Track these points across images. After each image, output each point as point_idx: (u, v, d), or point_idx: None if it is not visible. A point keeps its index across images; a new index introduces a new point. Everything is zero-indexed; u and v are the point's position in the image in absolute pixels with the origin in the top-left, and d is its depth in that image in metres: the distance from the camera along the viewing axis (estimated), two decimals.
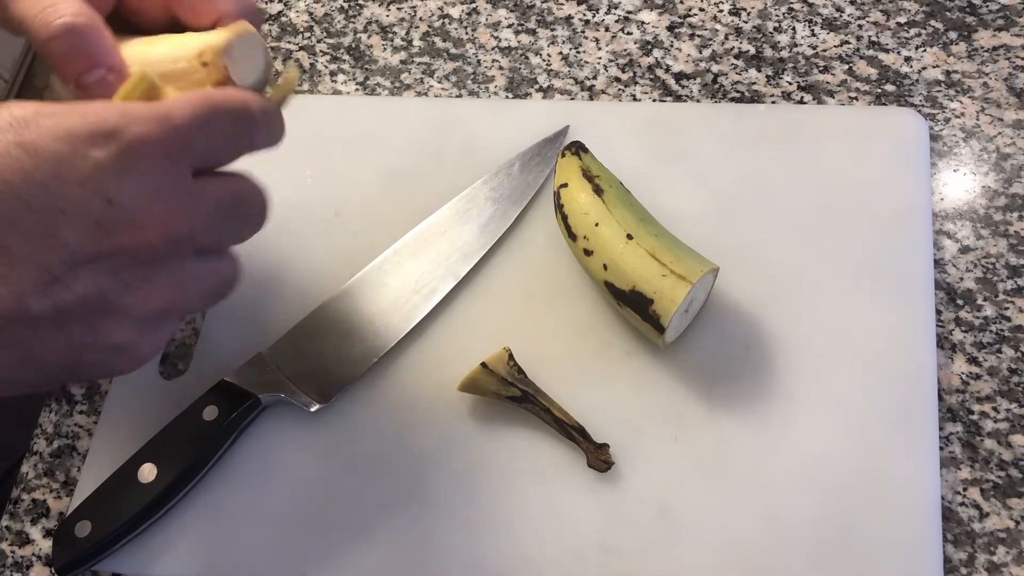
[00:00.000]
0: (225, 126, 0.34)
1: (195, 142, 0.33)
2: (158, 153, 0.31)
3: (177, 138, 0.32)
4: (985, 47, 0.56)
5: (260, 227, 0.38)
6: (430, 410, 0.50)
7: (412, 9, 0.66)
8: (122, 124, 0.31)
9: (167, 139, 0.32)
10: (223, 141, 0.35)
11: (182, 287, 0.34)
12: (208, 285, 0.37)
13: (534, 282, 0.53)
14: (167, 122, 0.32)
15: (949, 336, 0.49)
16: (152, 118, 0.32)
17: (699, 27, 0.61)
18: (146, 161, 0.31)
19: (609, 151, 0.53)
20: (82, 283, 0.31)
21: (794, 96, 0.57)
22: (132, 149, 0.31)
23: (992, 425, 0.47)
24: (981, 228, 0.51)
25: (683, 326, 0.49)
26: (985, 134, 0.54)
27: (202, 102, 0.33)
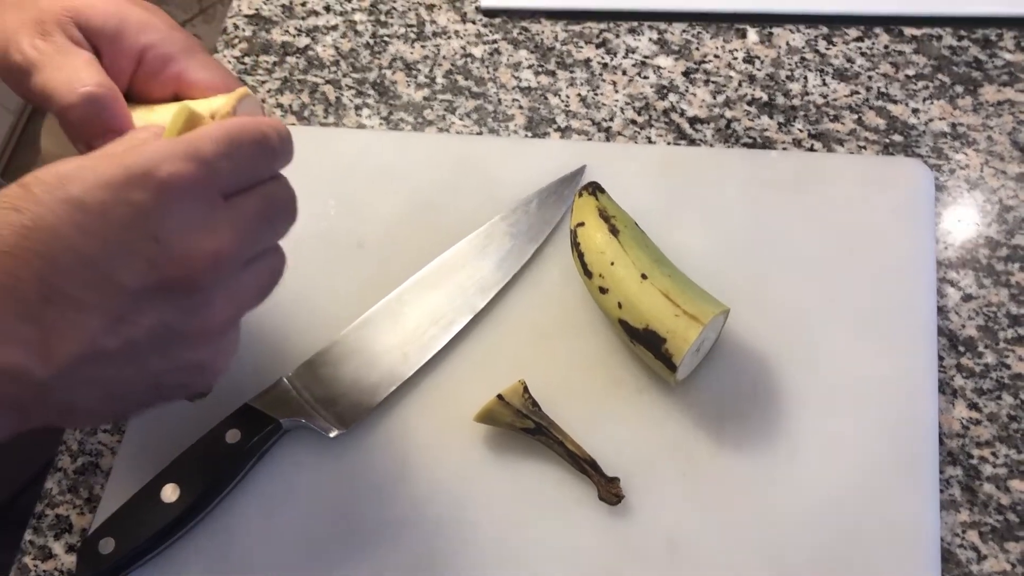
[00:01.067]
0: (248, 152, 0.36)
1: (223, 171, 0.35)
2: (192, 187, 0.34)
3: (207, 170, 0.34)
4: (990, 101, 0.58)
5: (295, 219, 0.39)
6: (446, 439, 0.52)
7: (436, 47, 0.68)
8: (155, 165, 0.33)
9: (198, 173, 0.34)
10: (248, 166, 0.37)
11: (238, 298, 0.37)
12: (261, 285, 0.38)
13: (549, 317, 0.55)
14: (196, 157, 0.34)
15: (950, 382, 0.50)
16: (182, 155, 0.34)
17: (714, 73, 0.63)
18: (182, 196, 0.33)
19: (624, 191, 0.55)
20: (147, 317, 0.33)
21: (804, 143, 0.59)
22: (168, 187, 0.33)
23: (991, 470, 0.48)
24: (983, 277, 0.53)
25: (694, 365, 0.51)
26: (989, 186, 0.56)
27: (224, 134, 0.35)
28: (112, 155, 0.34)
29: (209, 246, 0.34)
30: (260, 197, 0.37)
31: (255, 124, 0.37)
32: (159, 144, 0.34)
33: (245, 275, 0.37)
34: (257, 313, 0.40)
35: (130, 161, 0.33)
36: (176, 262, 0.33)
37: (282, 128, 0.39)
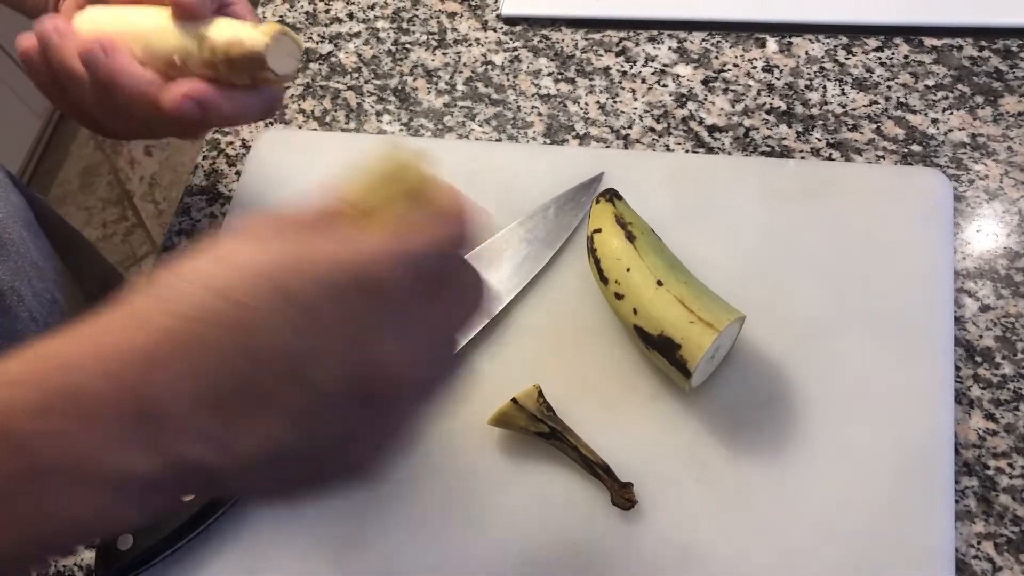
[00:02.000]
0: (454, 251, 0.34)
1: (432, 275, 0.33)
2: (408, 299, 0.31)
3: (421, 280, 0.32)
4: (1010, 112, 0.58)
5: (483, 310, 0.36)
6: (460, 442, 0.52)
7: (457, 55, 0.69)
8: (374, 270, 0.31)
9: (414, 284, 0.32)
10: (452, 267, 0.35)
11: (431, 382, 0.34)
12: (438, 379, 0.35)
13: (565, 323, 0.55)
14: (412, 263, 0.31)
15: (967, 392, 0.50)
16: (399, 260, 0.31)
17: (733, 82, 0.63)
18: (395, 306, 0.31)
19: (641, 199, 0.55)
20: (336, 424, 0.31)
21: (823, 152, 0.59)
22: (385, 296, 0.31)
23: (1007, 481, 0.48)
24: (1002, 288, 0.53)
25: (708, 372, 0.51)
26: (1008, 197, 0.55)
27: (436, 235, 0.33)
28: (324, 248, 0.31)
29: (411, 363, 0.32)
30: (458, 297, 0.35)
31: (460, 217, 0.34)
32: (373, 243, 0.31)
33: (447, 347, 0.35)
34: None
35: (347, 260, 0.30)
36: (380, 376, 0.31)
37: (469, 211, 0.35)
